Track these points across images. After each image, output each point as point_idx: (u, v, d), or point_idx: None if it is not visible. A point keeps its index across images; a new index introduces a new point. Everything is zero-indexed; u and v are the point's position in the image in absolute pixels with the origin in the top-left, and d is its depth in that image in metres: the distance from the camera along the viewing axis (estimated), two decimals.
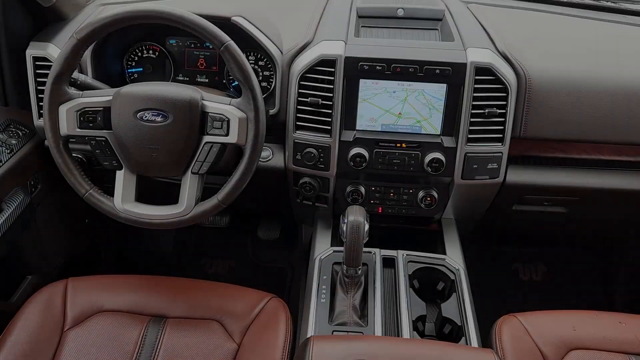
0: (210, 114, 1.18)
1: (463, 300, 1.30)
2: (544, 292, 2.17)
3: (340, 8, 1.59)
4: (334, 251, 1.42)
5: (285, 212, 1.76)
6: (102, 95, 1.20)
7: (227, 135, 1.17)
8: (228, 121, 1.17)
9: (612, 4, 1.78)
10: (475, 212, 1.61)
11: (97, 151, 1.21)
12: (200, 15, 1.18)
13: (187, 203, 1.21)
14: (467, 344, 1.20)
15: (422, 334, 1.29)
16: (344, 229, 1.26)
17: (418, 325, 1.28)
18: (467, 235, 2.19)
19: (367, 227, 1.27)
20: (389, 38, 1.50)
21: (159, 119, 1.16)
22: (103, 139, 1.20)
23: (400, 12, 1.56)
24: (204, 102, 1.18)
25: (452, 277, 1.37)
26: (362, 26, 1.56)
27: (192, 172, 1.21)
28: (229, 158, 1.31)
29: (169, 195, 1.28)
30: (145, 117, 1.16)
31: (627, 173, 1.50)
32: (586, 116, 1.39)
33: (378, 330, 1.21)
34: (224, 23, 1.36)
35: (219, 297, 1.34)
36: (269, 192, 1.68)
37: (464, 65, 1.32)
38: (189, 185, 1.21)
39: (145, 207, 1.22)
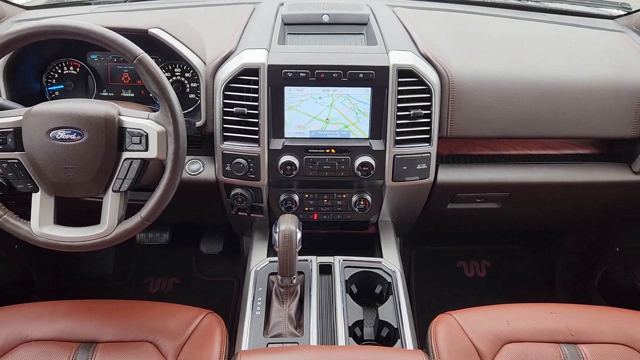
0: (128, 129, 1.14)
1: (399, 302, 1.31)
2: (488, 287, 2.21)
3: (266, 16, 1.58)
4: (270, 262, 1.41)
5: (225, 224, 1.73)
6: (11, 116, 1.14)
7: (146, 150, 1.14)
8: (146, 136, 1.13)
9: (534, 3, 1.84)
10: (411, 213, 1.62)
11: (9, 174, 1.16)
12: (116, 29, 1.15)
13: (109, 223, 1.16)
14: (402, 346, 1.20)
15: (360, 339, 1.28)
16: (276, 238, 1.24)
17: (356, 330, 1.27)
18: (410, 236, 2.23)
19: (299, 235, 1.26)
20: (315, 44, 1.51)
21: (73, 137, 1.12)
22: (15, 160, 1.14)
23: (326, 18, 1.56)
24: (121, 117, 1.15)
25: (389, 279, 1.37)
26: (288, 33, 1.56)
27: (112, 191, 1.16)
28: (155, 173, 1.28)
29: (95, 215, 1.23)
30: (59, 136, 1.11)
31: (553, 166, 1.54)
32: (509, 113, 1.42)
33: (313, 340, 1.19)
34: (141, 36, 1.33)
35: (153, 317, 1.30)
36: (204, 205, 1.64)
37: (387, 68, 1.33)
38: (110, 204, 1.17)
39: (64, 230, 1.17)
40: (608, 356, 1.20)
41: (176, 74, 1.48)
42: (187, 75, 1.48)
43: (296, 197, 1.46)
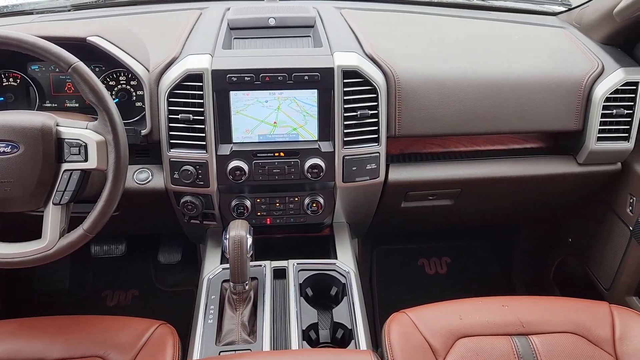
0: (66, 140, 1.11)
1: (353, 303, 1.31)
2: (449, 283, 2.23)
3: (211, 21, 1.57)
4: (223, 269, 1.39)
5: (182, 233, 1.70)
6: None
7: (86, 160, 1.11)
8: (85, 146, 1.11)
9: (479, 2, 1.87)
10: (365, 213, 1.62)
11: None
12: (51, 37, 1.12)
13: (51, 237, 1.13)
14: (356, 346, 1.20)
15: (316, 342, 1.28)
16: (226, 244, 1.23)
17: (310, 333, 1.26)
18: (371, 236, 2.23)
19: (250, 240, 1.24)
20: (261, 48, 1.50)
21: (8, 150, 1.08)
22: None
23: (272, 22, 1.56)
24: (59, 128, 1.12)
25: (344, 280, 1.37)
26: (234, 38, 1.54)
27: (53, 204, 1.13)
28: (100, 184, 1.24)
29: (38, 229, 1.20)
30: None
31: (501, 161, 1.57)
32: (455, 110, 1.44)
33: (266, 345, 1.18)
34: (81, 44, 1.30)
35: (103, 331, 1.27)
36: (157, 215, 1.61)
37: (331, 69, 1.33)
38: (51, 218, 1.13)
39: (3, 246, 1.13)
40: (558, 345, 1.22)
41: (121, 82, 1.45)
42: (132, 83, 1.46)
43: (248, 203, 1.44)
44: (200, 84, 1.31)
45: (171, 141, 1.35)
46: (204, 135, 1.34)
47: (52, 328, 1.28)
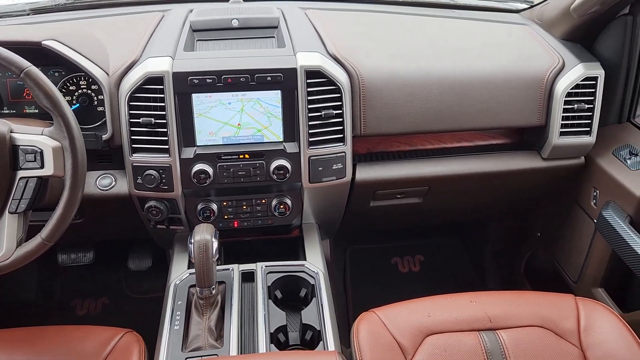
0: (21, 146, 1.09)
1: (322, 304, 1.30)
2: (422, 281, 2.24)
3: (174, 23, 1.55)
4: (190, 274, 1.37)
5: (151, 238, 1.68)
6: None
7: (42, 167, 1.09)
8: (41, 152, 1.08)
9: (445, 0, 1.88)
10: (334, 213, 1.62)
11: None
12: (6, 42, 1.10)
13: (7, 246, 1.10)
14: (324, 348, 1.19)
15: (285, 345, 1.27)
16: (191, 249, 1.21)
17: (279, 336, 1.25)
18: (344, 236, 2.23)
19: (216, 244, 1.23)
20: (224, 50, 1.48)
21: None
22: None
23: (235, 23, 1.54)
24: (13, 134, 1.09)
25: (312, 282, 1.36)
26: (197, 40, 1.53)
27: (9, 212, 1.10)
28: (59, 190, 1.22)
29: None
30: None
31: (467, 158, 1.58)
32: (419, 108, 1.44)
33: (233, 350, 1.17)
34: (37, 49, 1.27)
35: (66, 342, 1.24)
36: (123, 221, 1.59)
37: (294, 70, 1.32)
38: (7, 227, 1.10)
39: None
40: (525, 339, 1.23)
41: (82, 86, 1.43)
42: (93, 87, 1.43)
43: (214, 206, 1.43)
44: (161, 86, 1.29)
45: (133, 145, 1.33)
46: (166, 139, 1.32)
47: (13, 341, 1.24)
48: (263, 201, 1.46)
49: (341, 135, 1.39)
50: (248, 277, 1.38)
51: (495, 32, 1.68)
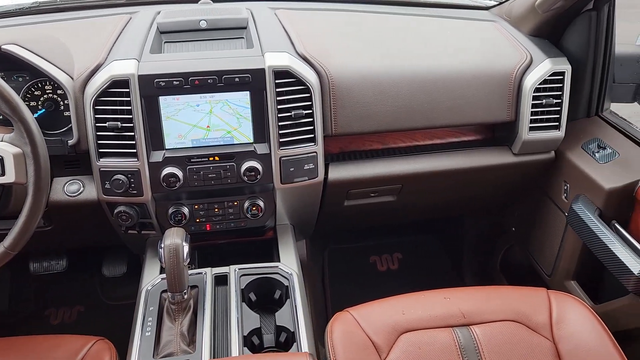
0: None
1: (296, 305, 1.29)
2: (401, 279, 2.25)
3: (140, 25, 1.53)
4: (162, 279, 1.35)
5: (122, 244, 1.66)
6: None
7: (3, 175, 1.06)
8: (2, 159, 1.06)
9: None
10: (308, 214, 1.61)
11: None
12: None
13: None
14: (298, 349, 1.19)
15: (260, 347, 1.26)
16: (162, 253, 1.20)
17: (253, 339, 1.24)
18: (321, 236, 2.23)
19: (187, 248, 1.21)
20: (192, 51, 1.47)
21: None
22: None
23: (203, 24, 1.53)
24: None
25: (286, 283, 1.36)
26: (165, 42, 1.51)
27: None
28: (24, 198, 1.19)
29: None
30: None
31: (440, 155, 1.58)
32: (390, 107, 1.44)
33: (206, 354, 1.15)
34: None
35: (35, 353, 1.22)
36: (94, 227, 1.56)
37: (262, 70, 1.31)
38: None
39: None
40: (498, 334, 1.24)
41: (47, 91, 1.40)
42: (59, 92, 1.40)
43: (186, 210, 1.41)
44: (127, 90, 1.27)
45: (100, 150, 1.31)
46: (134, 142, 1.30)
47: None
48: (235, 203, 1.44)
49: (312, 135, 1.38)
50: (221, 281, 1.37)
51: (465, 30, 1.69)
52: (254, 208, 1.43)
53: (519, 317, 1.27)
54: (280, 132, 1.35)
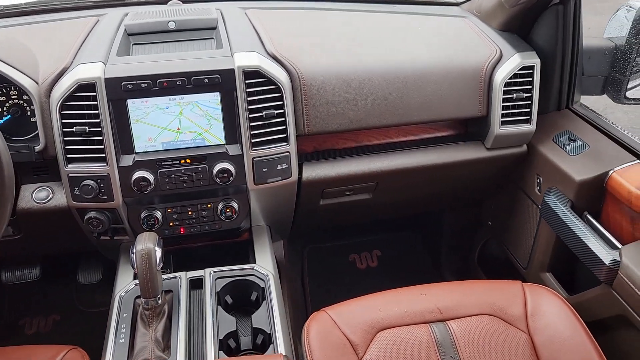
0: None
1: (272, 307, 1.28)
2: (381, 276, 2.25)
3: (108, 28, 1.50)
4: (136, 284, 1.33)
5: (96, 250, 1.63)
6: None
7: None
8: None
9: None
10: (284, 214, 1.60)
11: None
12: None
13: None
14: (274, 351, 1.18)
15: (237, 350, 1.25)
16: (134, 259, 1.18)
17: (230, 342, 1.23)
18: (300, 235, 2.22)
19: (159, 253, 1.19)
20: (161, 53, 1.44)
21: None
22: None
23: (172, 25, 1.51)
24: None
25: (262, 284, 1.35)
26: (133, 44, 1.48)
27: None
28: None
29: None
30: None
31: (414, 151, 1.58)
32: (362, 104, 1.44)
33: (181, 359, 1.14)
34: None
35: None
36: (66, 234, 1.53)
37: (232, 71, 1.30)
38: None
39: None
40: (474, 328, 1.24)
41: (12, 97, 1.37)
42: (25, 97, 1.37)
43: (158, 214, 1.39)
44: (94, 93, 1.25)
45: (68, 156, 1.28)
46: (102, 147, 1.28)
47: None
48: (209, 206, 1.43)
49: (284, 135, 1.38)
50: (196, 284, 1.35)
51: (435, 26, 1.69)
52: (227, 210, 1.42)
53: (495, 310, 1.28)
54: (252, 132, 1.34)
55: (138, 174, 1.30)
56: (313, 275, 2.22)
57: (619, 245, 1.31)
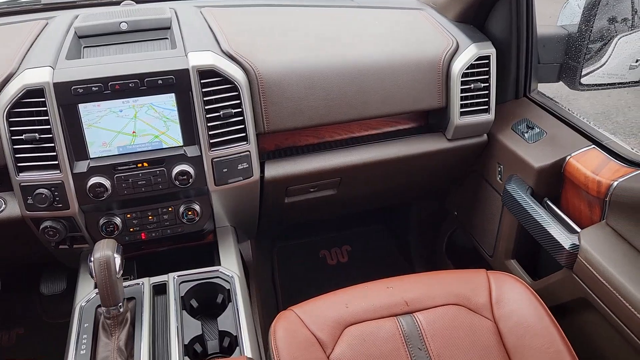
0: None
1: (237, 308, 1.27)
2: (351, 271, 2.25)
3: (57, 31, 1.46)
4: (97, 293, 1.29)
5: (57, 260, 1.58)
6: None
7: None
8: None
9: None
10: (248, 214, 1.58)
11: None
12: None
13: None
14: (241, 353, 1.16)
15: (204, 354, 1.23)
16: (92, 267, 1.15)
17: (195, 347, 1.21)
18: (269, 234, 2.20)
19: (119, 260, 1.16)
20: (113, 55, 1.41)
21: None
22: None
23: (124, 26, 1.47)
24: None
25: (228, 286, 1.33)
26: (84, 47, 1.44)
27: None
28: None
29: None
30: None
31: (376, 145, 1.58)
32: (321, 100, 1.43)
33: None
34: None
35: None
36: (22, 245, 1.48)
37: (186, 71, 1.28)
38: None
39: None
40: (440, 319, 1.25)
41: None
42: None
43: (117, 220, 1.36)
44: (43, 99, 1.21)
45: (19, 164, 1.24)
46: (54, 154, 1.24)
47: None
48: (170, 209, 1.40)
49: (243, 134, 1.36)
50: (160, 290, 1.33)
51: (392, 19, 1.69)
52: (189, 212, 1.40)
53: (460, 300, 1.29)
54: (210, 133, 1.32)
55: (94, 180, 1.27)
56: (283, 274, 2.21)
57: (578, 230, 1.33)
